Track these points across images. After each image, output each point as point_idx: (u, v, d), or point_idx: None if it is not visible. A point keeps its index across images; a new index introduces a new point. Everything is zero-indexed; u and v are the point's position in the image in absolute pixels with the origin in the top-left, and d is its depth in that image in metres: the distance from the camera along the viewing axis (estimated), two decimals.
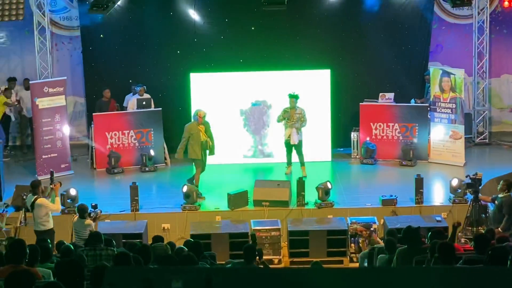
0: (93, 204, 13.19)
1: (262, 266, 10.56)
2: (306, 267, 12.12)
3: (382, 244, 11.71)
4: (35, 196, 12.85)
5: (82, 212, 12.71)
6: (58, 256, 10.10)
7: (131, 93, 17.97)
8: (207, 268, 7.90)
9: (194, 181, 15.33)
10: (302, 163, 16.27)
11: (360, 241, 13.58)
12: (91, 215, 12.89)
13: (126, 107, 17.87)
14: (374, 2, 18.01)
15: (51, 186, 13.19)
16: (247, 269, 6.34)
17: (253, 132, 17.53)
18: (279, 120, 16.30)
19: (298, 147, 16.21)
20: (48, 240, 11.24)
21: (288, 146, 16.32)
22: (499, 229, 12.56)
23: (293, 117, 16.10)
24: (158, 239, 11.61)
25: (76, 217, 12.84)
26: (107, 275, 5.15)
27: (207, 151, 15.48)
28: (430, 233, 10.92)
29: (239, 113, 17.46)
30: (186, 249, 10.48)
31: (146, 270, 5.16)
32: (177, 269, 5.32)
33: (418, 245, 9.92)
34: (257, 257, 10.07)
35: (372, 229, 13.50)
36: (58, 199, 13.09)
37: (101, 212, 13.30)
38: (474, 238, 9.73)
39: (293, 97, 16.12)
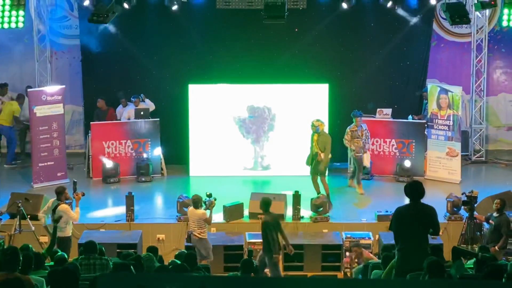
0: (208, 193, 13.39)
1: None
2: (301, 277, 12.11)
3: (376, 259, 11.67)
4: (58, 202, 12.93)
5: (196, 203, 13.12)
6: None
7: (121, 105, 17.94)
8: (201, 276, 7.87)
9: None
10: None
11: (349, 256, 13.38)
12: (206, 203, 13.18)
13: (120, 119, 17.81)
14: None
15: (73, 195, 13.25)
16: (241, 278, 6.33)
17: (254, 141, 17.51)
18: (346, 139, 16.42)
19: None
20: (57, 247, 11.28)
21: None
22: (496, 248, 12.56)
23: (362, 135, 16.37)
24: (152, 250, 11.56)
25: (190, 208, 13.23)
26: (100, 282, 5.13)
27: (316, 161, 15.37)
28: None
29: (233, 120, 17.44)
30: (179, 262, 10.43)
31: (141, 277, 5.15)
32: (171, 276, 5.31)
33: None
34: (252, 274, 10.01)
35: (361, 245, 13.29)
36: (78, 209, 13.10)
37: (215, 200, 13.41)
38: (477, 261, 9.59)
39: (359, 116, 16.38)
